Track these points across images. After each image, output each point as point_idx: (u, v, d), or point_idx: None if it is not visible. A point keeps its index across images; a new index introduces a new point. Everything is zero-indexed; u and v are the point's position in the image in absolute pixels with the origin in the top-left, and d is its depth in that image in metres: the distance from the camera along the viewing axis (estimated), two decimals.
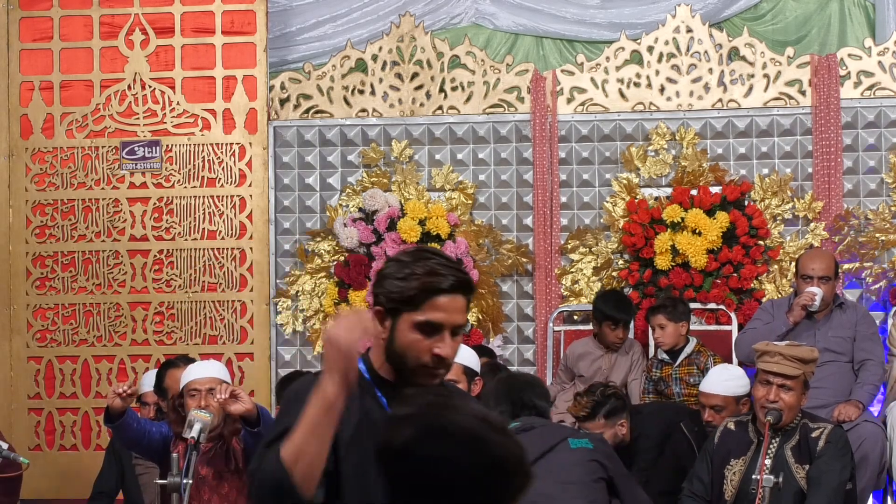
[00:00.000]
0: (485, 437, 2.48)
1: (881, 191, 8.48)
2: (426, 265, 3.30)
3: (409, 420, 2.52)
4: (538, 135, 8.71)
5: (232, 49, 8.87)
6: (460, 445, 2.46)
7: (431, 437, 2.47)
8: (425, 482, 2.46)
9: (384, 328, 3.33)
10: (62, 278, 8.87)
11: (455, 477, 2.44)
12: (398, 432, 2.51)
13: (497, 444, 2.47)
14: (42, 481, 8.38)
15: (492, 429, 2.49)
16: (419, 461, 2.46)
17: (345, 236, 8.67)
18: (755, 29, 9.11)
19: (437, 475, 2.45)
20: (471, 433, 2.47)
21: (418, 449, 2.47)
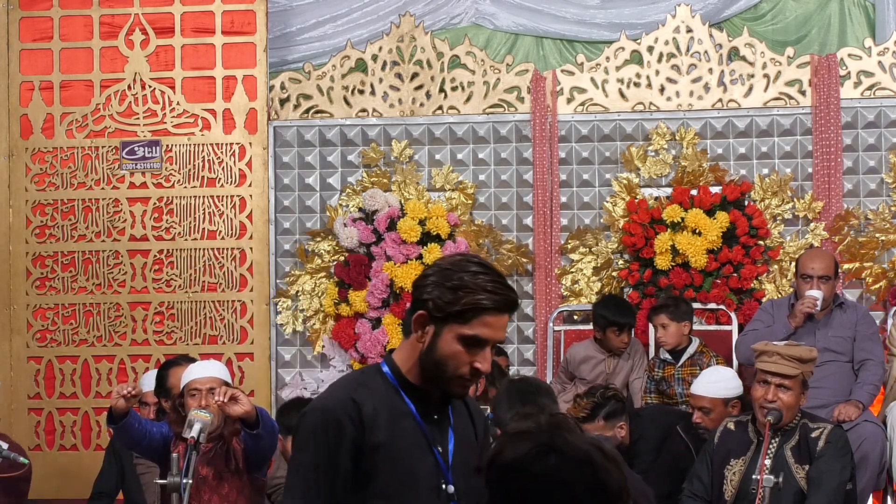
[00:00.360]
0: (597, 461, 2.49)
1: (881, 191, 8.48)
2: (481, 281, 3.27)
3: (526, 436, 2.52)
4: (538, 135, 8.71)
5: (232, 49, 8.87)
6: (574, 466, 2.47)
7: (547, 455, 2.48)
8: (532, 498, 2.47)
9: (423, 333, 3.32)
10: (62, 278, 8.87)
11: (563, 496, 2.46)
12: (513, 446, 2.51)
13: (606, 471, 2.49)
14: (42, 481, 8.37)
15: (604, 455, 2.51)
16: (531, 477, 2.48)
17: (345, 236, 8.67)
18: (755, 29, 9.11)
19: (547, 492, 2.47)
20: (585, 456, 2.49)
21: (532, 465, 2.48)
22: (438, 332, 3.29)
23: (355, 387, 3.36)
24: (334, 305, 8.70)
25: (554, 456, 2.48)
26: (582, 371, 7.89)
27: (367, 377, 3.41)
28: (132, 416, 5.71)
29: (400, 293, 8.54)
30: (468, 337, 3.27)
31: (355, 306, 8.59)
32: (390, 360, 3.39)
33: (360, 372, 3.53)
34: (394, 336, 8.49)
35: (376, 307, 8.58)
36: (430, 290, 3.30)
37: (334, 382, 3.53)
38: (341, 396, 3.34)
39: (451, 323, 3.27)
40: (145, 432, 5.74)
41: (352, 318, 8.66)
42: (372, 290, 8.55)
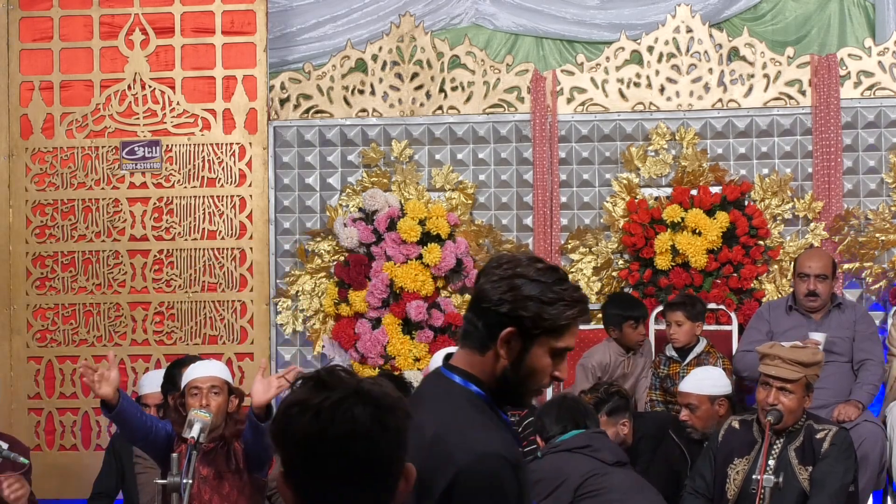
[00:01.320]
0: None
1: (881, 191, 8.49)
2: (572, 293, 3.20)
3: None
4: (538, 135, 8.72)
5: (232, 49, 8.87)
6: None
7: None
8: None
9: (510, 348, 3.18)
10: (62, 278, 8.87)
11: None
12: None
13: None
14: (42, 481, 8.35)
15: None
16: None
17: (345, 236, 8.67)
18: (755, 29, 9.11)
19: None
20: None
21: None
22: (528, 346, 3.17)
23: (484, 420, 3.20)
24: (334, 305, 8.70)
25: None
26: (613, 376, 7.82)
27: (476, 408, 3.22)
28: (127, 402, 5.64)
29: (400, 293, 8.54)
30: (560, 349, 3.20)
31: (355, 306, 8.59)
32: (473, 378, 3.23)
33: (466, 403, 3.23)
34: (393, 336, 8.49)
35: (376, 307, 8.58)
36: (526, 306, 3.15)
37: (457, 421, 3.17)
38: (496, 438, 3.15)
39: (544, 337, 3.17)
40: (148, 425, 5.71)
41: (352, 318, 8.65)
42: (372, 291, 8.55)
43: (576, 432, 5.63)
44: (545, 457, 5.43)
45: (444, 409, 3.19)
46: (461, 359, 3.25)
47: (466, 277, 8.60)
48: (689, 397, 6.75)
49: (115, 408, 5.54)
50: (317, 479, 2.44)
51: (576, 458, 5.47)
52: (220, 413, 5.59)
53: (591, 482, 5.37)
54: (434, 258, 8.50)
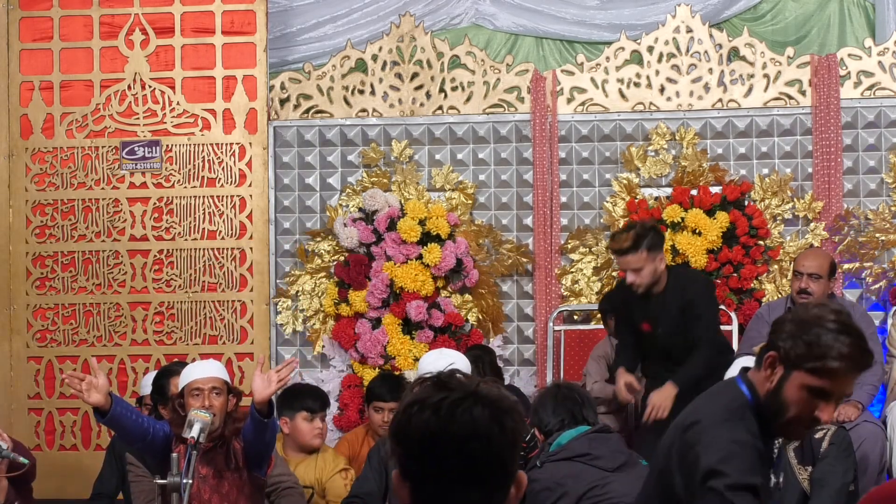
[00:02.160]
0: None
1: (881, 191, 8.49)
2: (838, 344, 3.34)
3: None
4: (538, 135, 8.72)
5: (232, 49, 8.87)
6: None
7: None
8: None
9: (772, 373, 3.43)
10: (62, 278, 8.87)
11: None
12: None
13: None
14: (42, 481, 8.33)
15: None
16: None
17: (345, 236, 8.67)
18: (755, 29, 9.11)
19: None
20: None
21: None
22: (786, 376, 3.40)
23: (737, 422, 3.48)
24: (334, 305, 8.70)
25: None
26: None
27: (737, 411, 3.51)
28: (120, 406, 5.61)
29: (400, 293, 8.54)
30: (814, 388, 3.37)
31: (355, 306, 8.59)
32: (755, 394, 3.51)
33: (734, 403, 3.56)
34: (393, 336, 8.49)
35: (376, 307, 8.58)
36: (785, 339, 3.40)
37: (711, 405, 3.61)
38: (739, 434, 3.45)
39: (799, 371, 3.38)
40: (145, 427, 5.68)
41: (352, 318, 8.66)
42: (372, 290, 8.55)
43: (574, 433, 5.53)
44: (544, 465, 5.37)
45: (711, 403, 3.59)
46: (753, 371, 3.55)
47: (466, 277, 8.60)
48: None
49: (108, 413, 5.50)
50: (434, 477, 2.48)
51: (576, 469, 5.39)
52: (221, 413, 5.59)
53: (592, 494, 5.33)
54: (434, 258, 8.50)
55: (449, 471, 2.46)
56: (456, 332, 8.53)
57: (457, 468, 2.46)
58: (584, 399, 5.86)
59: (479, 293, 8.69)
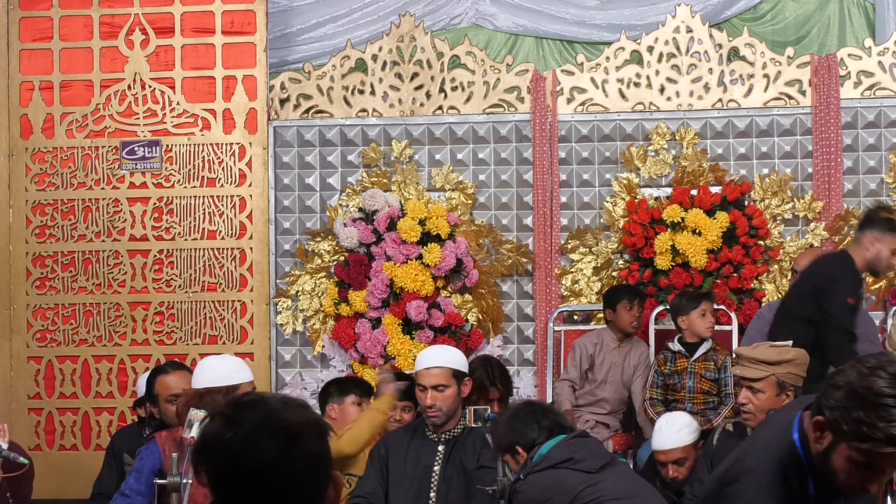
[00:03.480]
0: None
1: (881, 191, 8.49)
2: (888, 420, 3.12)
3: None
4: (538, 135, 8.72)
5: (232, 49, 8.87)
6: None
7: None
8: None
9: (822, 436, 3.26)
10: (62, 278, 8.87)
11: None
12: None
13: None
14: (42, 481, 8.33)
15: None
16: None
17: (345, 236, 8.67)
18: (755, 29, 9.11)
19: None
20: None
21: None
22: (835, 444, 3.23)
23: (776, 475, 3.41)
24: (334, 305, 8.70)
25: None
26: (596, 359, 7.88)
27: (780, 462, 3.40)
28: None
29: (400, 293, 8.54)
30: (860, 463, 3.20)
31: (355, 306, 8.59)
32: (804, 438, 3.37)
33: (777, 451, 3.44)
34: (393, 336, 8.49)
35: (376, 307, 8.58)
36: (833, 408, 3.20)
37: (762, 445, 3.54)
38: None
39: (847, 444, 3.20)
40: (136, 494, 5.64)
41: (352, 318, 8.66)
42: (372, 290, 8.55)
43: (553, 442, 5.48)
44: (528, 477, 5.34)
45: (759, 441, 3.58)
46: (807, 417, 3.37)
47: (466, 277, 8.60)
48: (674, 453, 6.39)
49: None
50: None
51: (561, 475, 5.35)
52: None
53: (583, 496, 5.30)
54: (434, 258, 8.50)
55: (251, 501, 2.50)
56: (456, 332, 8.53)
57: (257, 499, 2.49)
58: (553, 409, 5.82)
59: (480, 293, 8.69)
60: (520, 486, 5.29)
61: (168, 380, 6.44)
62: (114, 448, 7.18)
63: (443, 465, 5.86)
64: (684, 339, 7.54)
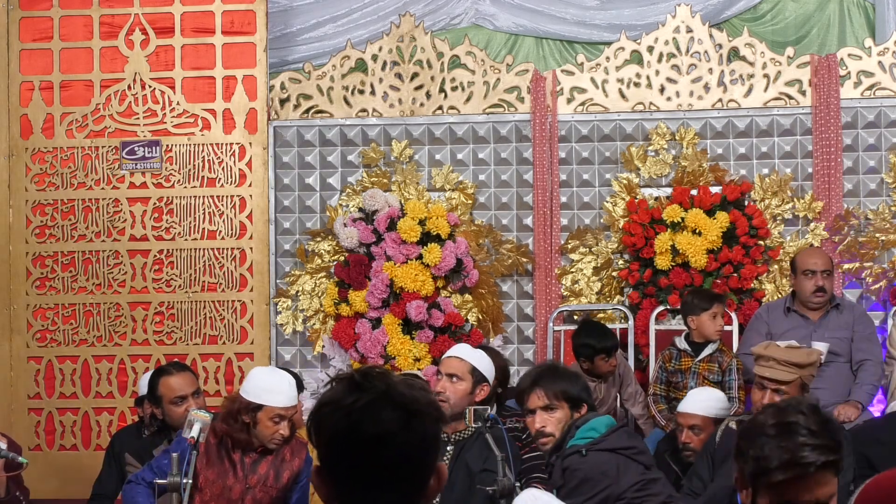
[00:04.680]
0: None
1: (881, 191, 8.49)
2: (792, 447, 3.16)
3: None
4: (538, 135, 8.72)
5: (232, 49, 8.86)
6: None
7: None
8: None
9: (746, 494, 3.25)
10: (62, 278, 8.87)
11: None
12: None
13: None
14: (42, 481, 8.36)
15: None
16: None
17: (345, 236, 8.67)
18: (755, 29, 9.11)
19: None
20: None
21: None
22: (756, 497, 3.22)
23: None
24: (334, 305, 8.70)
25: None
26: None
27: None
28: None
29: (400, 293, 8.54)
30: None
31: (355, 306, 8.59)
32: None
33: None
34: (393, 336, 8.49)
35: (376, 307, 8.58)
36: (736, 456, 3.25)
37: None
38: None
39: (757, 487, 3.21)
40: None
41: (352, 318, 8.65)
42: (372, 290, 8.55)
43: (606, 421, 5.48)
44: (589, 454, 5.34)
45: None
46: None
47: (466, 277, 8.60)
48: (693, 419, 6.53)
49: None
50: (347, 476, 2.52)
51: (622, 461, 5.35)
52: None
53: (638, 489, 5.31)
54: (434, 258, 8.50)
55: (361, 473, 2.51)
56: (456, 332, 8.53)
57: (368, 471, 2.50)
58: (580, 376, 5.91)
59: (479, 293, 8.69)
60: (576, 461, 5.27)
61: (172, 381, 6.43)
62: (113, 448, 7.18)
63: (450, 466, 5.86)
64: (692, 338, 7.52)
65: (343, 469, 2.51)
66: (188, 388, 6.39)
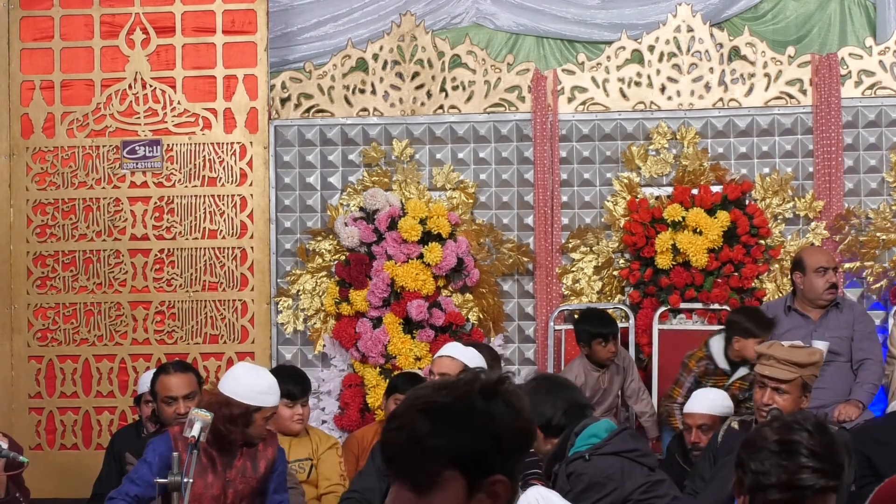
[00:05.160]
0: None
1: (882, 190, 8.49)
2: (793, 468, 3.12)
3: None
4: (539, 134, 8.71)
5: (233, 48, 8.86)
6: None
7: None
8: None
9: (742, 500, 3.21)
10: (63, 277, 8.87)
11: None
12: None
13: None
14: (43, 481, 8.36)
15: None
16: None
17: (346, 235, 8.66)
18: (756, 29, 9.10)
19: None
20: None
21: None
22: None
23: None
24: (335, 305, 8.70)
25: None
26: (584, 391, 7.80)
27: None
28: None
29: (400, 292, 8.53)
30: None
31: (356, 305, 8.59)
32: None
33: None
34: (394, 335, 8.49)
35: (377, 306, 8.58)
36: (737, 465, 3.21)
37: None
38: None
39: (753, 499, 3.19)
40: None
41: (353, 317, 8.65)
42: (373, 290, 8.55)
43: (607, 425, 5.48)
44: (592, 459, 5.34)
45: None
46: None
47: (467, 276, 8.60)
48: (701, 418, 6.66)
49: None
50: None
51: (626, 464, 5.35)
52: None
53: (644, 491, 5.30)
54: (435, 257, 8.50)
55: None
56: (457, 332, 8.53)
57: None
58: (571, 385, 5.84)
59: (480, 292, 8.69)
60: (580, 466, 5.26)
61: (167, 380, 6.43)
62: (114, 448, 7.18)
63: None
64: (729, 357, 7.47)
65: None
66: (181, 389, 6.38)
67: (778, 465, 3.10)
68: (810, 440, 3.12)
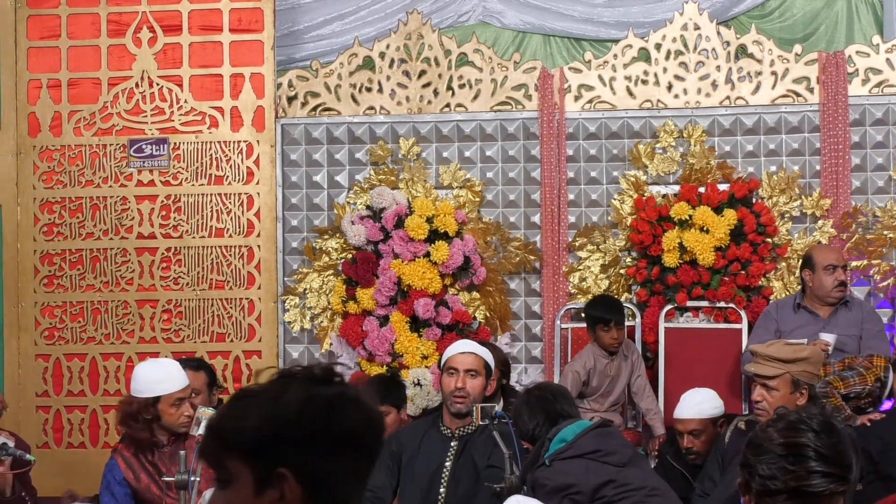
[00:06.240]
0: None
1: (889, 188, 8.48)
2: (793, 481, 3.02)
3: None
4: (546, 132, 8.71)
5: (240, 47, 8.86)
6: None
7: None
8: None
9: (748, 500, 3.12)
10: (70, 276, 8.87)
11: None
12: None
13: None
14: (50, 479, 8.36)
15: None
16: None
17: (352, 234, 8.66)
18: (763, 27, 9.11)
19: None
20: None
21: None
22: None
23: None
24: (342, 303, 8.70)
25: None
26: (591, 381, 7.81)
27: None
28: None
29: (407, 291, 8.53)
30: None
31: (363, 304, 8.59)
32: None
33: None
34: (401, 334, 8.49)
35: (384, 305, 8.58)
36: (743, 465, 3.11)
37: None
38: None
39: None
40: None
41: (359, 315, 8.65)
42: (380, 288, 8.55)
43: (577, 428, 5.47)
44: (554, 464, 5.34)
45: None
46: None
47: (474, 275, 8.59)
48: (691, 423, 6.67)
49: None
50: None
51: (589, 466, 5.36)
52: None
53: (611, 487, 5.29)
54: (442, 256, 8.50)
55: None
56: (463, 330, 8.52)
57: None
58: (556, 394, 5.86)
59: (487, 291, 8.69)
60: (544, 472, 5.27)
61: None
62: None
63: (454, 462, 5.86)
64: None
65: None
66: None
67: (785, 469, 3.02)
68: (817, 441, 3.03)
